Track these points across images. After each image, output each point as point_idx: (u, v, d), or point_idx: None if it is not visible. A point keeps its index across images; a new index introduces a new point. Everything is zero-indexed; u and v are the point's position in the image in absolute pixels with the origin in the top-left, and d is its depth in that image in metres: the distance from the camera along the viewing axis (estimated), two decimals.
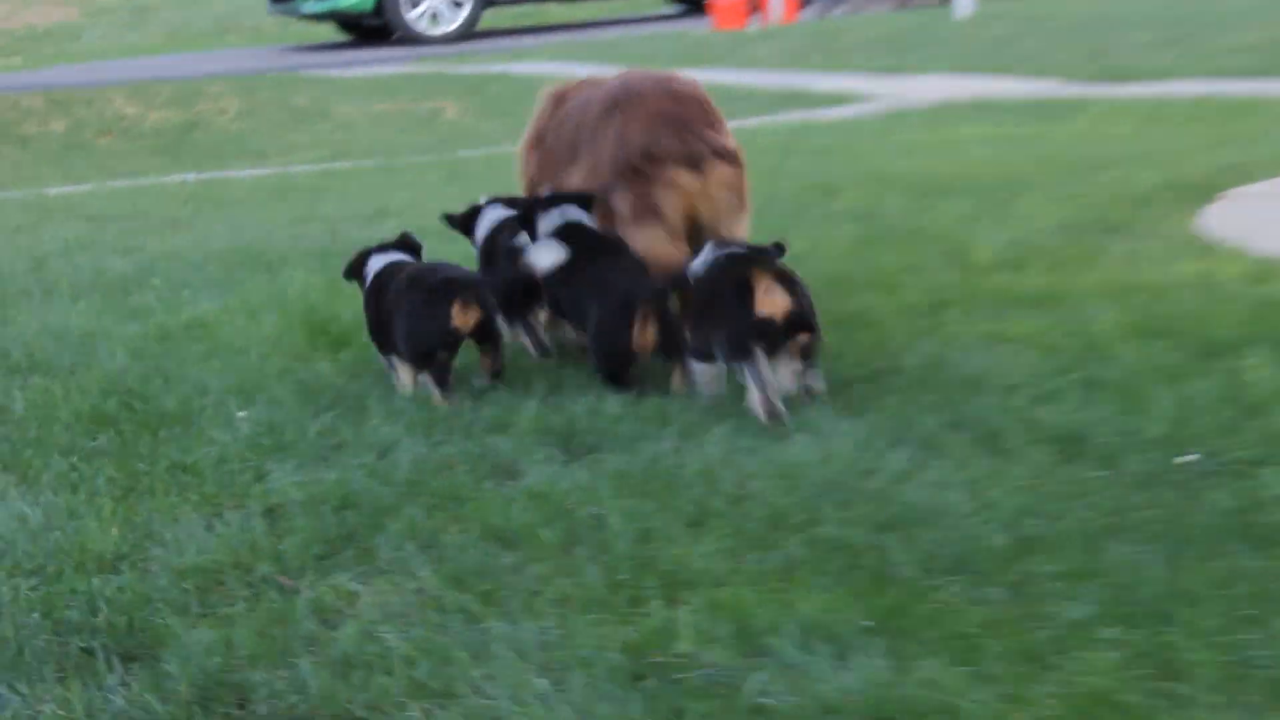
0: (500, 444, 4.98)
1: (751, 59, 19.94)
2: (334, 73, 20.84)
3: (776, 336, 4.97)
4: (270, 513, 4.51)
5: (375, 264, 5.88)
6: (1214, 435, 4.54)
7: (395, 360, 5.57)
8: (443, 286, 5.46)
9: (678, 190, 5.60)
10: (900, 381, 5.34)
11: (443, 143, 15.44)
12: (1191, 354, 5.39)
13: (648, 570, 3.95)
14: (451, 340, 5.41)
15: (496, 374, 5.54)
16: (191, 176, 13.69)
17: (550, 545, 4.15)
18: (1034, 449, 4.59)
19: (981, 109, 13.51)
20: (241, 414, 5.41)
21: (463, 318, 5.43)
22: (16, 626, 3.86)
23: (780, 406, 4.89)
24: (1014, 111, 13.25)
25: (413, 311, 5.45)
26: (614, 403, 5.30)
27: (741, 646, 3.51)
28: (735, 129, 14.13)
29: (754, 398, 4.93)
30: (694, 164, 5.59)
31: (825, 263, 7.33)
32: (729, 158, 5.64)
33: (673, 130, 5.63)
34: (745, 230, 5.74)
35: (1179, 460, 4.41)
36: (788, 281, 5.06)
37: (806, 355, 5.05)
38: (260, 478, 4.80)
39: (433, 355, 5.42)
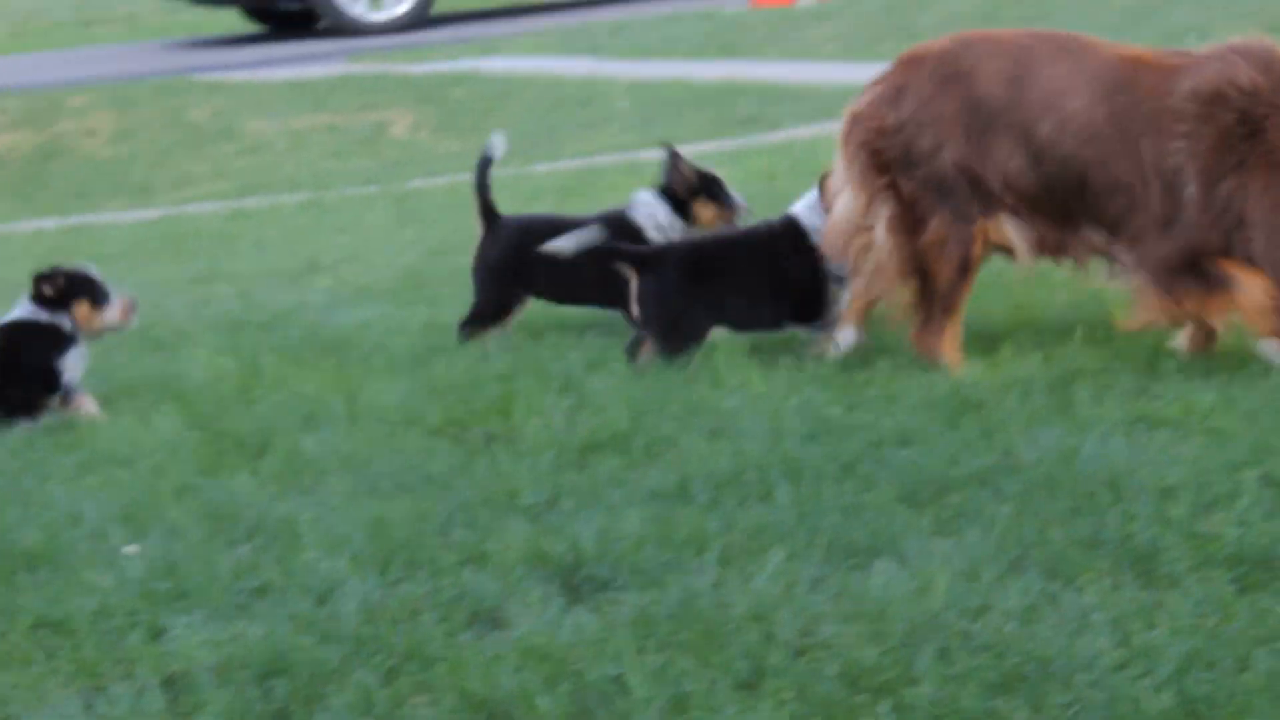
0: (479, 581, 5.02)
1: (804, 46, 20.06)
2: (241, 75, 21.07)
3: None
4: (171, 684, 4.55)
5: None
6: None
7: None
8: None
9: None
10: (1016, 485, 5.39)
11: (390, 168, 15.59)
12: None
13: None
14: None
15: None
16: (51, 223, 13.82)
17: (552, 718, 4.18)
18: (1203, 574, 4.63)
19: None
20: (129, 549, 5.46)
21: None
22: None
23: None
24: None
25: None
26: (633, 520, 5.34)
27: None
28: (782, 140, 14.18)
29: None
30: None
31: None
32: None
33: None
34: None
35: None
36: None
37: None
38: (156, 636, 4.84)
39: None
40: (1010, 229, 6.86)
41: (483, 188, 7.75)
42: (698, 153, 13.45)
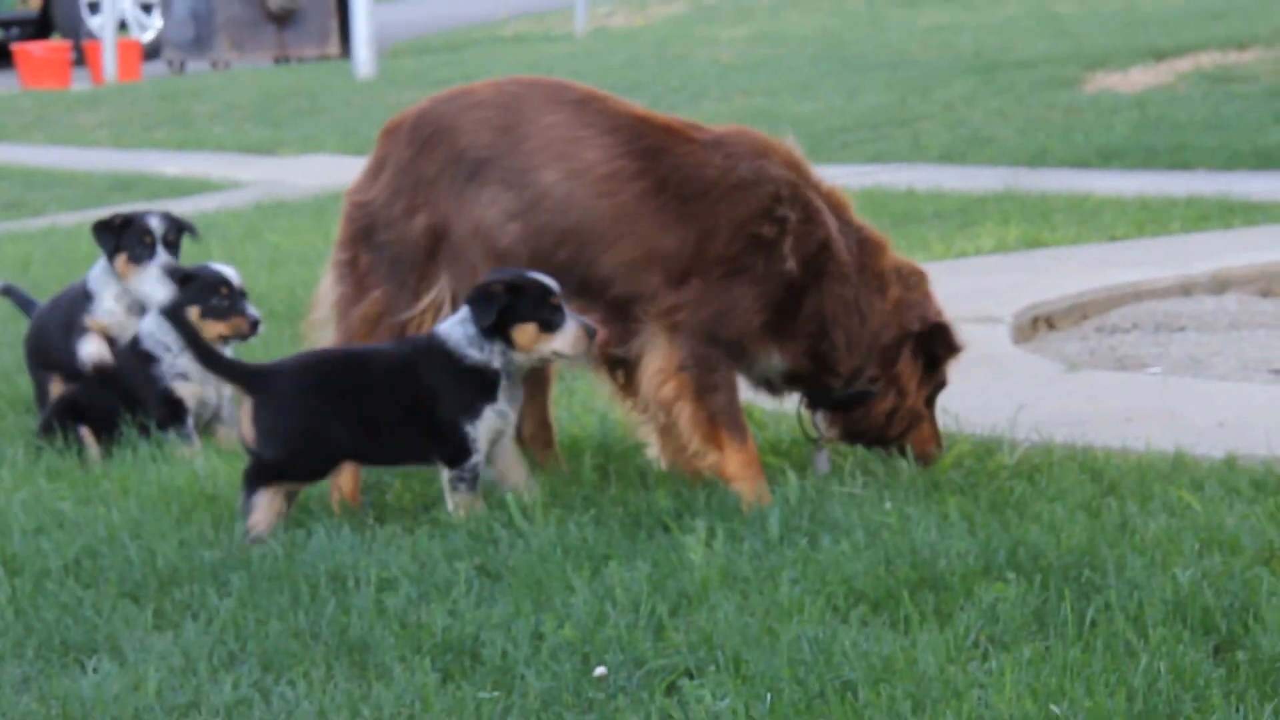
0: None
1: (74, 131, 19.71)
2: None
3: None
4: None
5: None
6: (637, 637, 4.80)
7: None
8: None
9: None
10: (242, 579, 5.39)
11: None
12: (619, 530, 5.69)
13: None
14: None
15: None
16: None
17: None
18: (411, 663, 4.73)
19: None
20: None
21: None
22: None
23: None
24: None
25: None
26: None
27: None
28: (44, 226, 13.87)
29: None
30: None
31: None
32: None
33: None
34: None
35: (597, 674, 4.64)
36: None
37: None
38: None
39: None
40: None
41: None
42: None
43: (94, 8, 27.31)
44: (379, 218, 6.26)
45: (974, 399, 7.13)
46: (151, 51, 27.30)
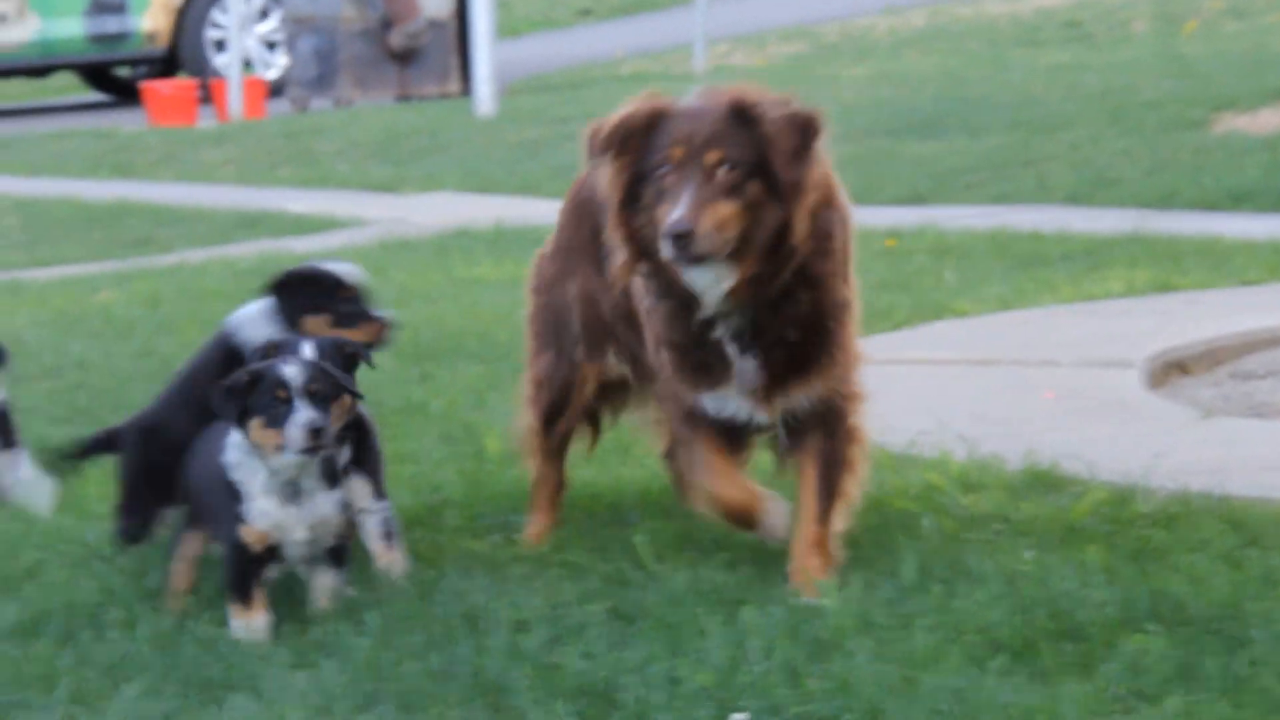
0: None
1: (201, 168, 19.91)
2: None
3: None
4: None
5: None
6: (773, 683, 4.79)
7: None
8: None
9: None
10: (377, 619, 5.42)
11: None
12: (752, 574, 5.69)
13: None
14: None
15: None
16: None
17: None
18: (546, 706, 4.74)
19: (502, 241, 13.88)
20: None
21: None
22: None
23: None
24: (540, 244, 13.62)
25: None
26: None
27: None
28: (172, 263, 13.96)
29: None
30: None
31: None
32: None
33: None
34: None
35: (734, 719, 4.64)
36: None
37: None
38: None
39: None
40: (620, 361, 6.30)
41: None
42: (84, 274, 13.25)
43: (220, 46, 27.63)
44: (545, 276, 6.37)
45: (1107, 445, 7.07)
46: (276, 89, 27.57)
